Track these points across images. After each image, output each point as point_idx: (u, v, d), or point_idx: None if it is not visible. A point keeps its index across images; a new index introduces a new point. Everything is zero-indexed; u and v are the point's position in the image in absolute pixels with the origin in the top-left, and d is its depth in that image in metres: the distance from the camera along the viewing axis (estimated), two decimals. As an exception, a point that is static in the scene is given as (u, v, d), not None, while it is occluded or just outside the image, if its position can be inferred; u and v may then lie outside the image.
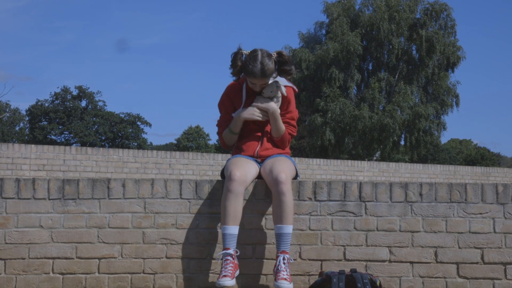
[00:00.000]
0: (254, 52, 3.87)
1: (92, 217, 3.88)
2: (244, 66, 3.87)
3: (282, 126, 4.01)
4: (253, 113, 3.95)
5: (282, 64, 3.93)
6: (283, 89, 3.94)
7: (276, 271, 3.58)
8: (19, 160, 11.35)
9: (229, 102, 4.05)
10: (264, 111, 3.95)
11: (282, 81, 3.95)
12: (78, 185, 3.90)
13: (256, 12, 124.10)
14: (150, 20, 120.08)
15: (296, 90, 4.10)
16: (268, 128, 4.06)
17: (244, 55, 3.91)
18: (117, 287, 3.86)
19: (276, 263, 3.62)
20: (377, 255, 3.93)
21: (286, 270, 3.57)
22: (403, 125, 33.63)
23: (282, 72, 3.96)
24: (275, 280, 3.56)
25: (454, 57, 34.69)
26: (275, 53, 3.90)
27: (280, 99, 3.99)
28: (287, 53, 4.73)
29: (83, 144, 55.96)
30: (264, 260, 3.92)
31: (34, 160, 11.47)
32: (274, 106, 3.95)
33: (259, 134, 4.06)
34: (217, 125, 4.13)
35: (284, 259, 3.60)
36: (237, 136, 4.05)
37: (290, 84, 4.02)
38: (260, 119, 3.97)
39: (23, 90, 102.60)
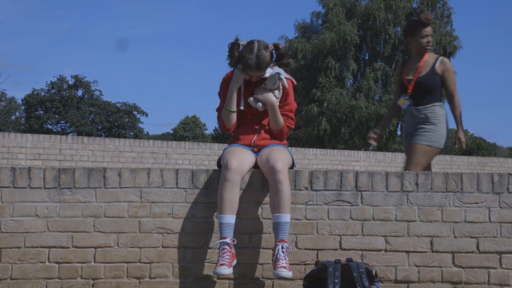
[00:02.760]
0: (251, 44, 3.85)
1: (88, 206, 3.88)
2: (241, 57, 3.86)
3: (281, 119, 4.00)
4: (239, 77, 3.94)
5: (280, 58, 3.93)
6: (285, 82, 3.93)
7: (275, 260, 3.59)
8: (15, 149, 11.32)
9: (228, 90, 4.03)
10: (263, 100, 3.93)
11: (282, 72, 3.94)
12: (74, 174, 3.89)
13: (252, 1, 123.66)
14: (146, 9, 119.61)
15: (295, 82, 4.09)
16: (265, 121, 4.05)
17: (241, 46, 3.89)
18: (113, 276, 3.87)
19: (274, 252, 3.62)
20: (373, 244, 3.94)
21: (285, 259, 3.58)
22: (399, 115, 33.63)
23: (280, 65, 3.96)
24: (274, 268, 3.56)
25: (451, 47, 34.69)
26: (271, 46, 3.88)
27: (281, 91, 3.98)
28: (284, 44, 4.72)
29: (79, 133, 55.81)
30: (261, 250, 3.92)
31: (30, 149, 11.44)
32: (273, 99, 3.93)
33: (257, 124, 4.05)
34: (216, 110, 4.12)
35: (282, 247, 3.60)
36: (234, 115, 3.99)
37: (288, 76, 4.01)
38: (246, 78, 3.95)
39: (20, 79, 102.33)
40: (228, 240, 3.61)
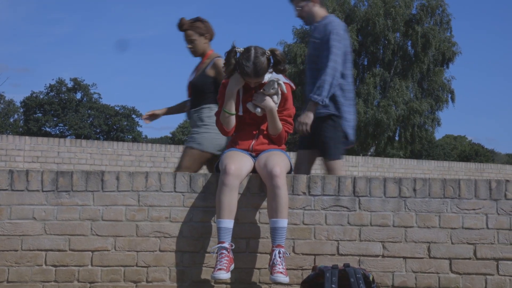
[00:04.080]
0: (247, 52, 3.83)
1: (85, 209, 3.87)
2: (238, 65, 3.85)
3: (279, 124, 3.99)
4: (238, 82, 3.91)
5: (276, 63, 3.91)
6: (284, 87, 3.93)
7: (272, 265, 3.58)
8: (13, 152, 11.31)
9: None
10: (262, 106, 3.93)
11: (280, 78, 3.94)
12: (72, 177, 3.89)
13: (251, 7, 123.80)
14: (145, 13, 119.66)
15: (294, 87, 4.08)
16: (264, 125, 4.04)
17: (238, 53, 3.89)
18: (110, 280, 3.86)
19: (271, 257, 3.62)
20: (371, 250, 3.93)
21: (282, 264, 3.58)
22: (397, 121, 33.66)
23: (276, 71, 3.95)
24: (271, 274, 3.56)
25: (450, 53, 34.75)
26: (268, 52, 3.87)
27: (280, 96, 3.97)
28: (281, 50, 4.72)
29: (78, 136, 55.76)
30: (258, 254, 3.92)
31: (28, 152, 11.43)
32: (272, 104, 3.93)
33: (255, 129, 4.04)
34: (215, 115, 4.11)
35: (279, 253, 3.60)
36: (233, 118, 3.97)
37: (287, 81, 4.01)
38: (241, 84, 3.93)
39: (19, 82, 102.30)
40: (226, 244, 3.60)
